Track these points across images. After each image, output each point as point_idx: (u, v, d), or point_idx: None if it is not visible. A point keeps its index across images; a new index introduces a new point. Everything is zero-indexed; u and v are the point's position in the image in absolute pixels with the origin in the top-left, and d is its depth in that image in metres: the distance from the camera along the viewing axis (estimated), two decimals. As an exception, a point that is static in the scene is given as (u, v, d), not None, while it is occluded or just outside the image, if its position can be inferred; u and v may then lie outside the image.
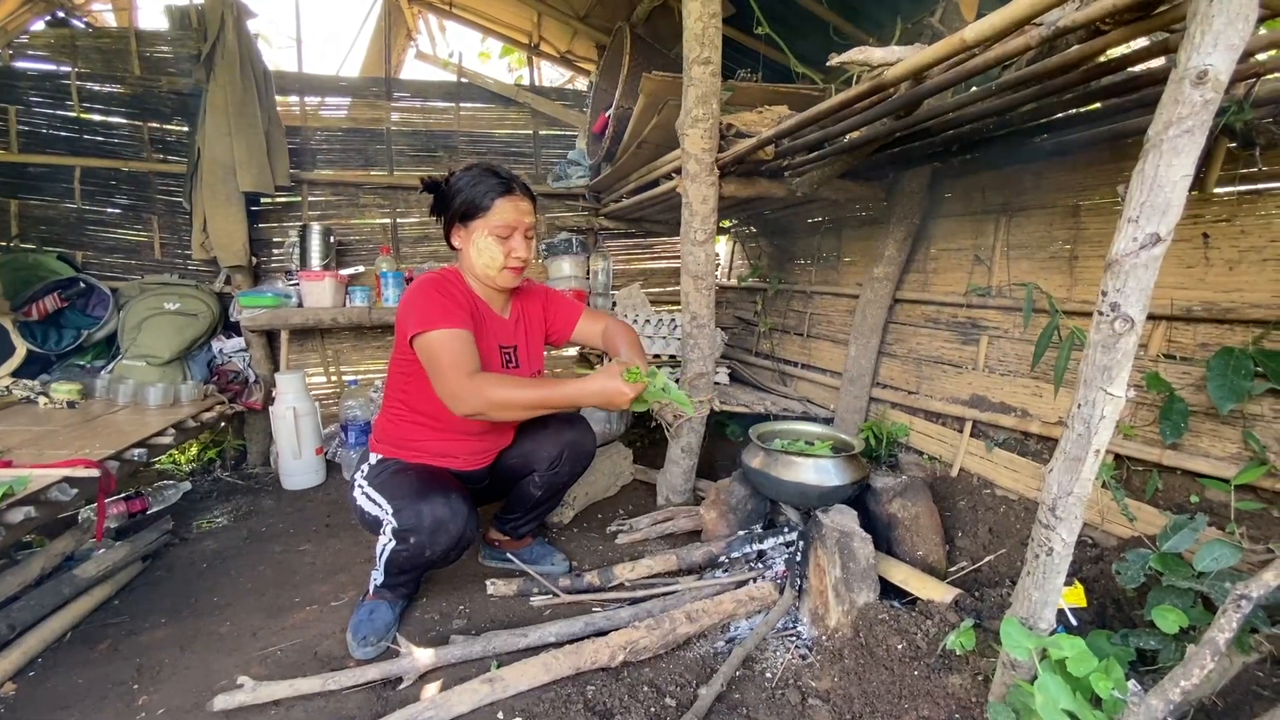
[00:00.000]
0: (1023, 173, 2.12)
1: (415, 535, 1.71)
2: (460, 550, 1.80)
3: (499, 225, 1.70)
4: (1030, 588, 1.09)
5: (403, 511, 1.73)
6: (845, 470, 1.94)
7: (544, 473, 2.09)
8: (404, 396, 1.89)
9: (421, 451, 1.92)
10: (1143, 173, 0.86)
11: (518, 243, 1.75)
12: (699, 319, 2.43)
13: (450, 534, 1.71)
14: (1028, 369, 2.16)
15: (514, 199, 1.72)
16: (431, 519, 1.69)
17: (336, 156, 3.70)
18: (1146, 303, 0.92)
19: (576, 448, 2.11)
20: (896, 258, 2.51)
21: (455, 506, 1.72)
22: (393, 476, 1.83)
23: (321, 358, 3.76)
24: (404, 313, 1.68)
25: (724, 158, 2.15)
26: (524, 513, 2.21)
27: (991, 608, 1.65)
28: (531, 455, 2.09)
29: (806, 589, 1.89)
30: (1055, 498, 1.01)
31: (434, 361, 1.59)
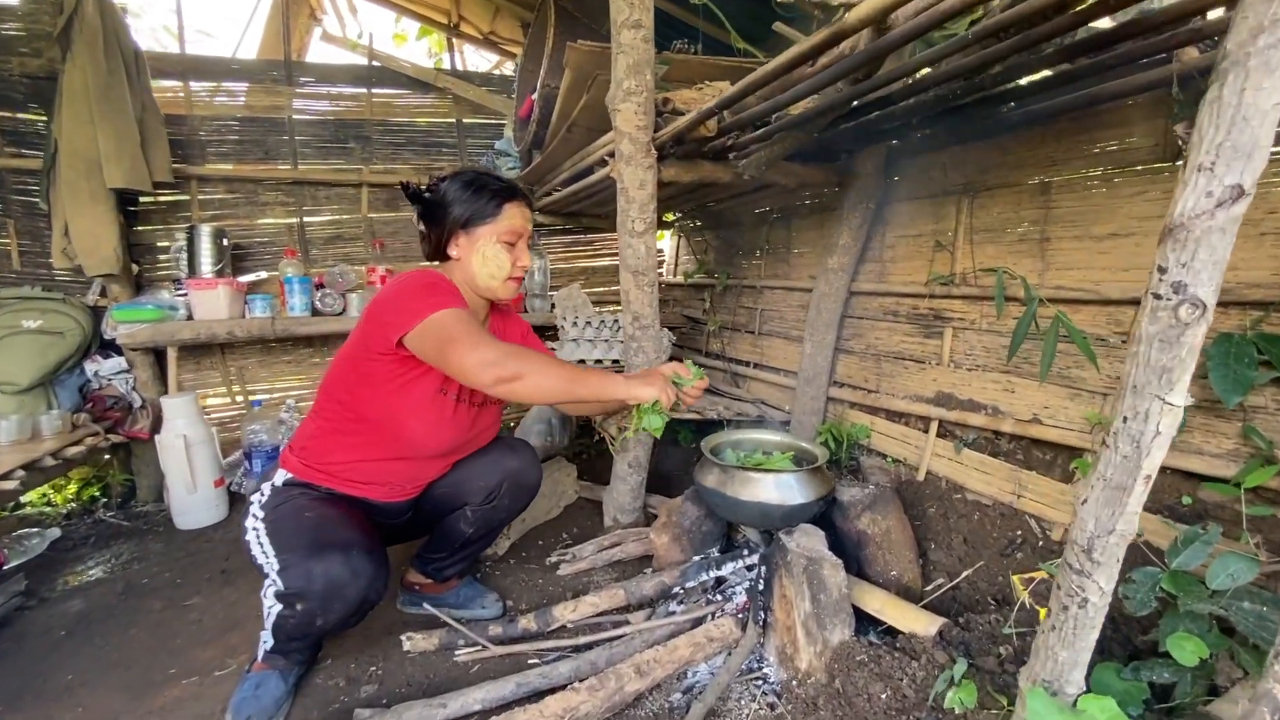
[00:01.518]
0: (987, 148, 1.95)
1: (303, 601, 1.41)
2: (361, 616, 1.50)
3: (507, 231, 1.58)
4: (1055, 645, 0.87)
5: (290, 570, 1.42)
6: (810, 485, 1.72)
7: (478, 506, 1.80)
8: (347, 401, 1.58)
9: (342, 477, 1.62)
10: (1219, 101, 0.64)
11: (522, 251, 1.64)
12: (642, 319, 2.17)
13: (347, 600, 1.41)
14: (998, 363, 1.99)
15: (520, 204, 1.62)
16: (325, 582, 1.38)
17: (231, 149, 3.27)
18: (1219, 281, 0.71)
19: (519, 480, 1.84)
20: (852, 246, 2.32)
21: (356, 565, 1.41)
22: (289, 518, 1.52)
23: (223, 376, 3.34)
24: (390, 306, 1.45)
25: (661, 136, 1.90)
26: (451, 553, 1.90)
27: (981, 639, 1.45)
28: (465, 485, 1.79)
29: (772, 623, 1.66)
30: (1092, 536, 0.80)
31: (447, 335, 1.37)
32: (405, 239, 3.57)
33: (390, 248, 3.53)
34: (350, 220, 3.46)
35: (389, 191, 3.52)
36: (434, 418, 1.59)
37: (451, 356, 1.36)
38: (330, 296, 3.11)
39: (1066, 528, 1.81)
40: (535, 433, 3.23)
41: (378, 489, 1.66)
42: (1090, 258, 1.72)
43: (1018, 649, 1.39)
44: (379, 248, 3.43)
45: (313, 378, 3.48)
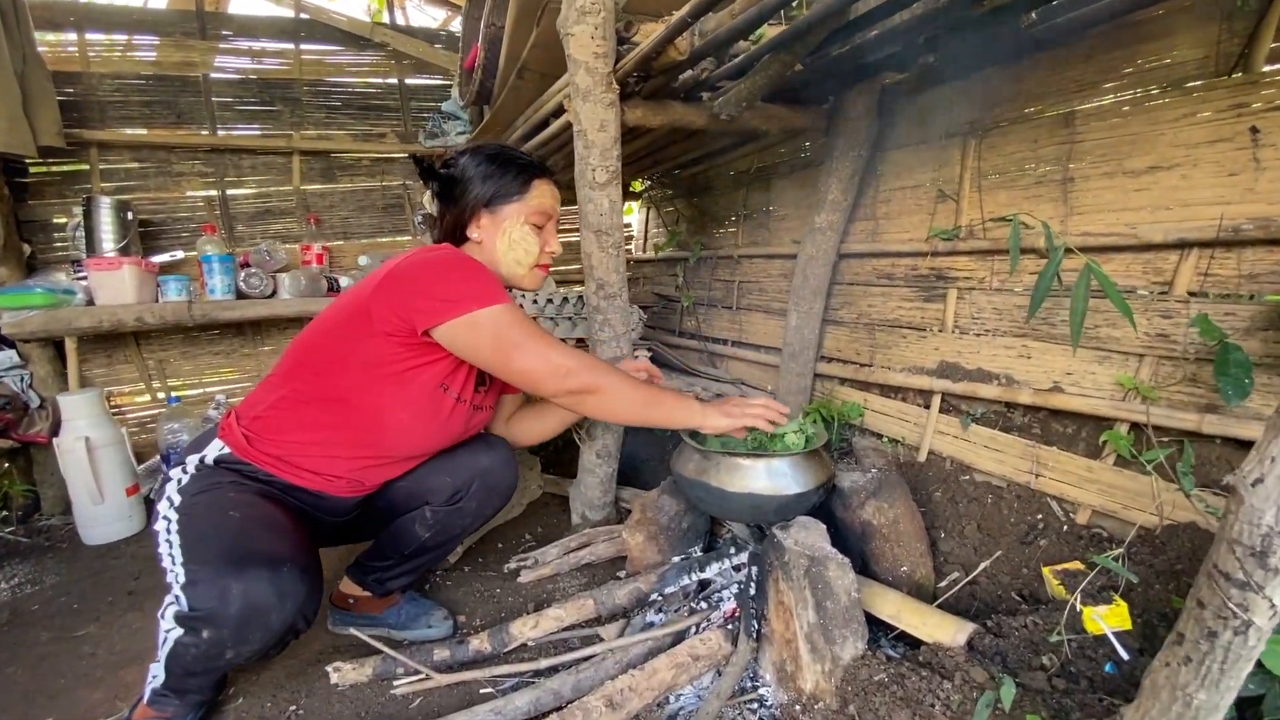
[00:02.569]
0: (999, 77, 1.70)
1: (212, 627, 1.10)
2: (284, 646, 1.22)
3: (536, 211, 1.45)
4: (1191, 684, 0.62)
5: (199, 586, 1.12)
6: (808, 471, 1.46)
7: (439, 507, 1.51)
8: (326, 375, 1.32)
9: (292, 461, 1.35)
10: None
11: (552, 235, 1.52)
12: (607, 288, 1.88)
13: (269, 629, 1.12)
14: (1011, 326, 1.76)
15: (549, 183, 1.50)
16: (242, 605, 1.08)
17: (137, 111, 2.88)
18: None
19: (491, 480, 1.57)
20: (842, 202, 2.06)
21: (286, 585, 1.12)
22: (207, 515, 1.23)
23: (140, 371, 2.96)
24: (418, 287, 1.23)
25: (624, 65, 1.61)
26: (398, 561, 1.60)
27: (1019, 648, 1.22)
28: (427, 483, 1.52)
29: (767, 634, 1.40)
30: (1271, 533, 0.54)
31: (509, 337, 1.25)
32: (343, 213, 3.22)
33: (327, 223, 3.18)
34: (280, 193, 3.09)
35: (324, 160, 3.15)
36: (428, 415, 1.38)
37: (516, 360, 1.26)
38: (256, 277, 2.76)
39: (1094, 509, 1.60)
40: (495, 423, 2.93)
41: (331, 482, 1.39)
42: (1124, 197, 1.49)
43: (1065, 660, 1.16)
44: (314, 223, 3.07)
45: (245, 370, 3.12)
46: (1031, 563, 1.57)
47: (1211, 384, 1.36)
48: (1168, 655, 0.67)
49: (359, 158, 3.21)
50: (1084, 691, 1.12)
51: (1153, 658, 1.22)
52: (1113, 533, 1.56)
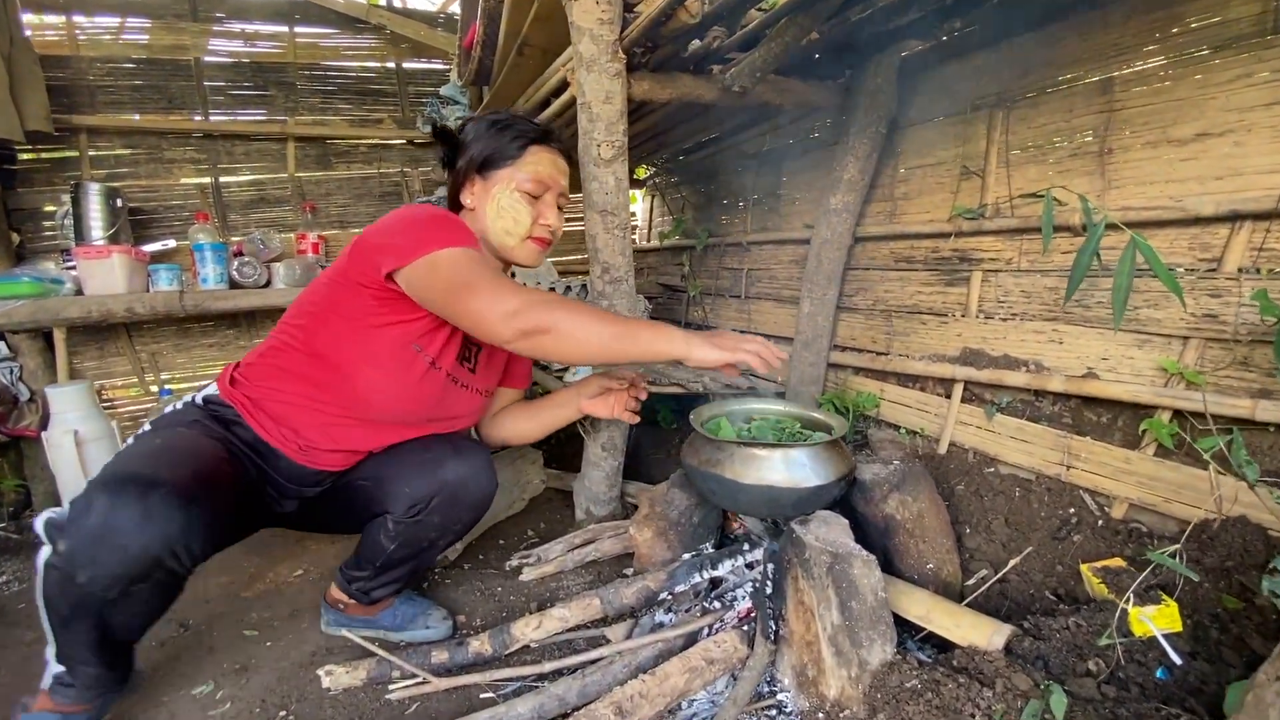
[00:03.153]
0: (1030, 43, 1.60)
1: (66, 538, 1.01)
2: (158, 588, 1.09)
3: (529, 179, 1.34)
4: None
5: (78, 498, 1.03)
6: (828, 463, 1.37)
7: (400, 519, 1.37)
8: (308, 327, 1.31)
9: (264, 408, 1.33)
10: None
11: (549, 207, 1.38)
12: (613, 271, 1.79)
13: (126, 551, 0.99)
14: (1041, 309, 1.66)
15: (551, 150, 1.40)
16: (100, 519, 0.98)
17: (128, 96, 2.79)
18: None
19: (456, 494, 1.39)
20: (859, 181, 1.96)
21: (155, 509, 1.00)
22: (141, 440, 1.21)
23: (132, 363, 2.88)
24: (384, 233, 1.22)
25: (631, 32, 1.51)
26: (375, 572, 1.49)
27: (1061, 651, 1.12)
28: (389, 487, 1.38)
29: (786, 636, 1.31)
30: None
31: (460, 277, 1.13)
32: (340, 201, 3.13)
33: (323, 211, 3.09)
34: (274, 180, 3.00)
35: (320, 147, 3.06)
36: (395, 375, 1.30)
37: (465, 302, 1.12)
38: (250, 266, 2.67)
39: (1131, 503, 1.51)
40: (496, 416, 2.84)
41: (293, 440, 1.33)
42: (1168, 167, 1.39)
43: (1114, 663, 1.07)
44: (309, 211, 2.98)
45: (240, 363, 3.04)
46: (1066, 559, 1.48)
47: (1266, 367, 1.26)
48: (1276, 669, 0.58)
49: (355, 144, 3.13)
50: (1136, 700, 1.03)
51: (1208, 662, 1.13)
52: (1152, 528, 1.46)
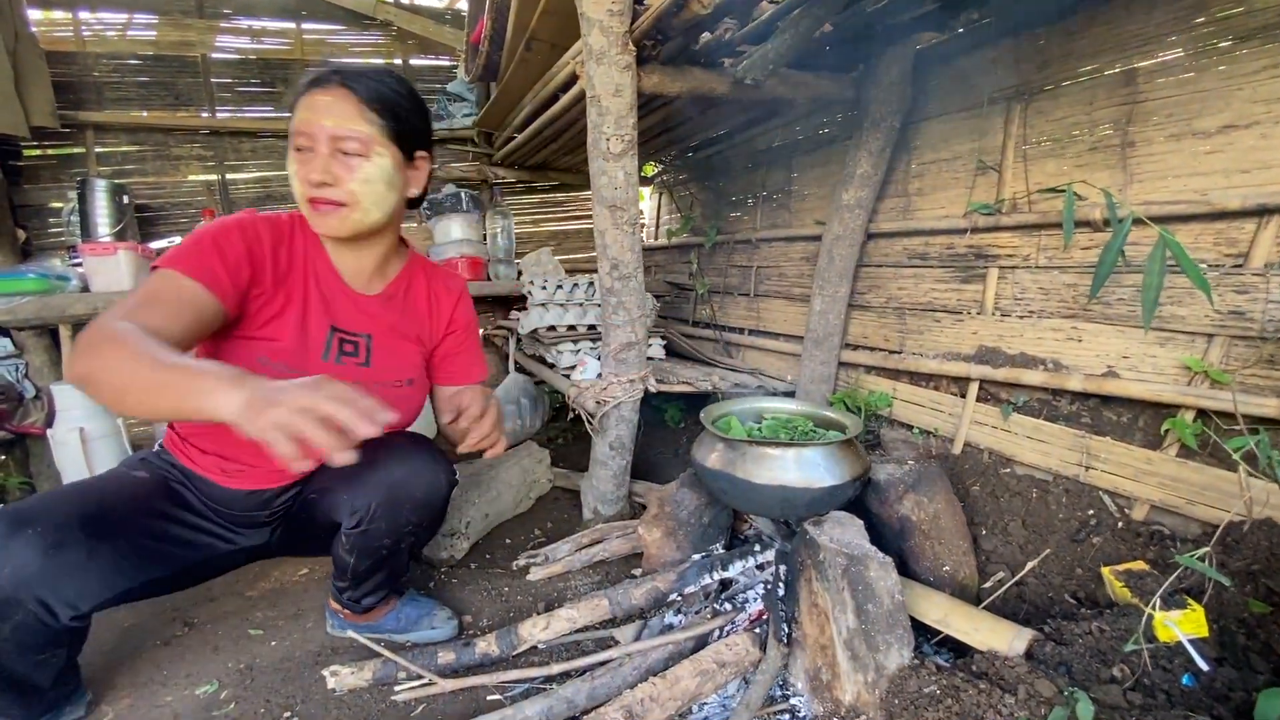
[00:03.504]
0: (1050, 35, 1.57)
1: None
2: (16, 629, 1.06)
3: (293, 134, 1.11)
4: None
5: None
6: (843, 463, 1.34)
7: (349, 531, 1.30)
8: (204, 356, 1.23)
9: (189, 442, 1.27)
10: None
11: (317, 158, 1.09)
12: (622, 267, 1.77)
13: None
14: (1060, 306, 1.62)
15: (319, 93, 1.10)
16: None
17: (134, 93, 2.79)
18: None
19: (399, 495, 1.28)
20: (871, 176, 1.93)
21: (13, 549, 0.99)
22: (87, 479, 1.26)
23: (138, 361, 2.86)
24: None
25: (642, 23, 1.49)
26: (352, 584, 1.44)
27: (1084, 656, 1.09)
28: (332, 499, 1.31)
29: (799, 639, 1.28)
30: None
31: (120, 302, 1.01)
32: (347, 198, 3.11)
33: (330, 208, 3.07)
34: (281, 177, 2.99)
35: (326, 144, 3.05)
36: None
37: None
38: (256, 262, 2.66)
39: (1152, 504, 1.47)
40: (505, 414, 2.82)
41: (217, 465, 1.26)
42: (1192, 160, 1.35)
43: (1141, 672, 1.03)
44: (316, 208, 2.97)
45: (246, 360, 3.03)
46: (1085, 562, 1.45)
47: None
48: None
49: (363, 141, 3.11)
50: (1162, 707, 1.00)
51: (1234, 669, 1.10)
52: (1174, 530, 1.43)
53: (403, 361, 1.34)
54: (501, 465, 2.21)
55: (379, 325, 1.30)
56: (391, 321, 1.32)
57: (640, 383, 1.93)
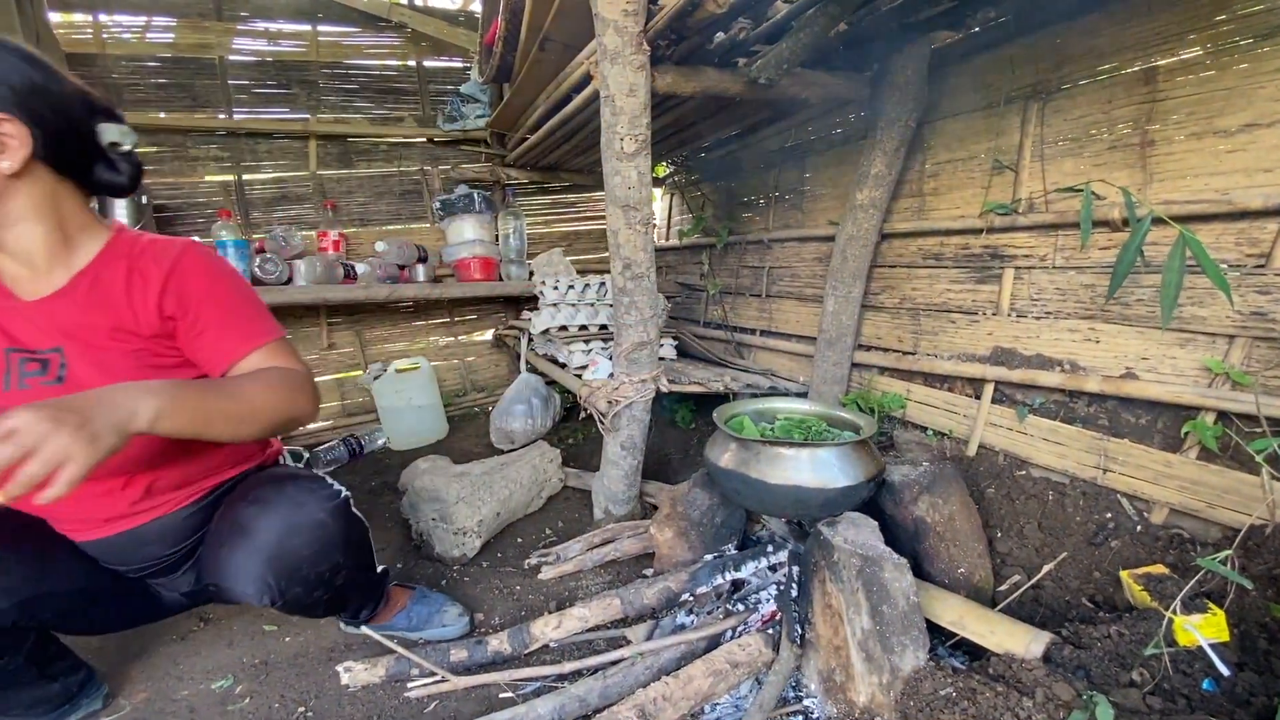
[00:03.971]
0: (1068, 33, 1.56)
1: None
2: None
3: None
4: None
5: None
6: (857, 463, 1.33)
7: (269, 607, 1.15)
8: None
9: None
10: None
11: None
12: (635, 267, 1.77)
13: None
14: (1077, 307, 1.61)
15: None
16: None
17: (153, 95, 2.82)
18: None
19: (289, 563, 1.12)
20: (886, 176, 1.92)
21: None
22: None
23: (155, 359, 2.89)
24: None
25: (656, 23, 1.49)
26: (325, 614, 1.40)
27: (1103, 660, 1.08)
28: (226, 572, 1.11)
29: (812, 640, 1.28)
30: None
31: None
32: (361, 199, 3.14)
33: (344, 208, 3.10)
34: (296, 178, 3.02)
35: (341, 145, 3.08)
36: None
37: None
38: (271, 263, 2.68)
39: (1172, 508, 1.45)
40: (515, 414, 2.83)
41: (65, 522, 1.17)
42: (1214, 159, 1.34)
43: (1162, 676, 1.02)
44: (331, 209, 2.99)
45: (260, 359, 3.05)
46: (1103, 565, 1.43)
47: (1319, 366, 1.21)
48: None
49: (376, 142, 3.13)
50: (1183, 712, 0.99)
51: (1256, 674, 1.08)
52: (1194, 534, 1.41)
53: (115, 365, 1.06)
54: (512, 464, 2.22)
55: (70, 330, 1.04)
56: (84, 321, 1.04)
57: (652, 383, 1.93)
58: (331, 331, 3.15)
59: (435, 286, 2.98)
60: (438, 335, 3.41)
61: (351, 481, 2.70)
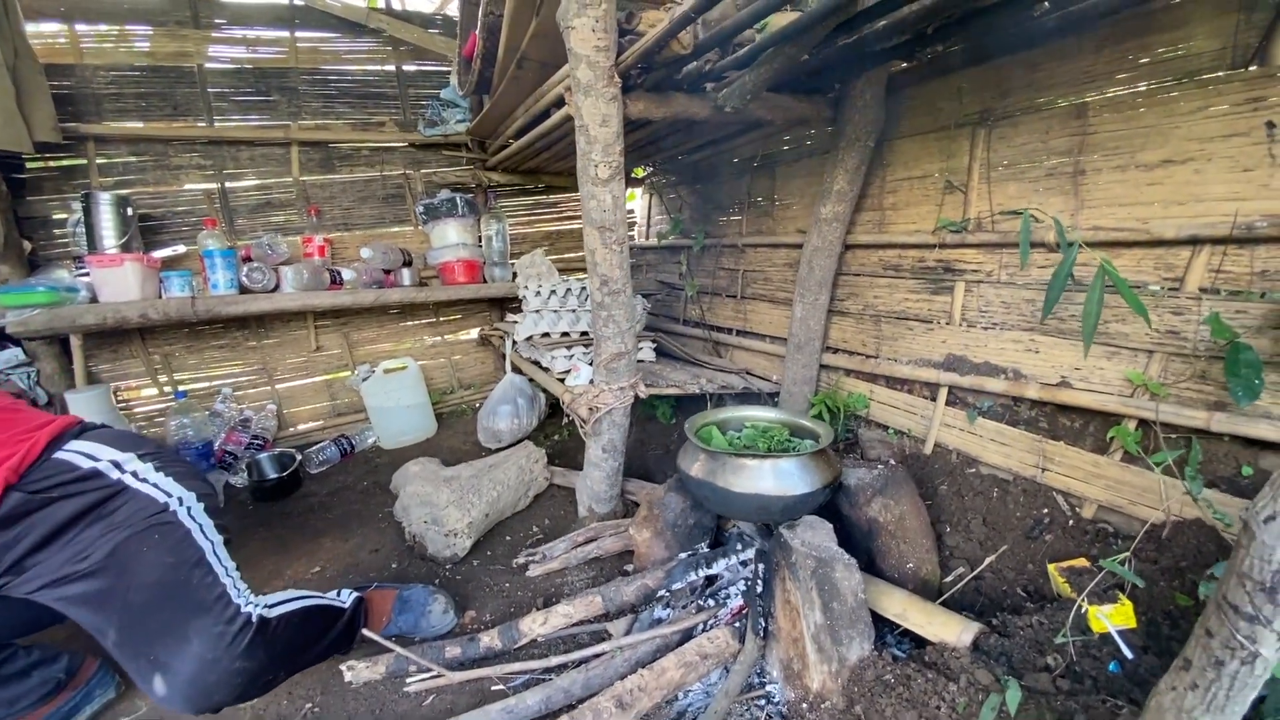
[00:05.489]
0: (1011, 66, 1.67)
1: None
2: None
3: None
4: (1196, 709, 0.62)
5: None
6: (814, 471, 1.46)
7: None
8: None
9: None
10: None
11: None
12: (611, 284, 1.87)
13: None
14: (1020, 320, 1.74)
15: None
16: None
17: (133, 104, 2.84)
18: None
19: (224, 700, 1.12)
20: (848, 192, 2.03)
21: None
22: None
23: (146, 365, 2.96)
24: None
25: (626, 59, 1.58)
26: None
27: (1024, 648, 1.23)
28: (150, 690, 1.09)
29: (774, 632, 1.42)
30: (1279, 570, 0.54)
31: None
32: (344, 204, 3.19)
33: (328, 214, 3.15)
34: (279, 184, 3.06)
35: (323, 151, 3.12)
36: None
37: None
38: (259, 271, 2.74)
39: (1100, 504, 1.60)
40: (501, 414, 2.94)
41: None
42: (1136, 191, 1.46)
43: (1071, 660, 1.17)
44: (315, 215, 3.04)
45: (249, 363, 3.13)
46: (1037, 558, 1.58)
47: (1222, 381, 1.35)
48: (1174, 679, 0.68)
49: (358, 147, 3.18)
50: (1088, 693, 1.14)
51: (1157, 656, 1.24)
52: (1118, 528, 1.56)
53: None
54: (499, 466, 2.33)
55: None
56: None
57: (630, 389, 2.04)
58: (319, 334, 3.22)
59: (420, 290, 3.06)
60: (424, 335, 3.49)
61: (345, 482, 2.83)
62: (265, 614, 1.23)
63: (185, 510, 1.21)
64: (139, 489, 1.17)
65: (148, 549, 1.12)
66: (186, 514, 1.21)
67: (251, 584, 1.99)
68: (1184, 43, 1.35)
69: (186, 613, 1.12)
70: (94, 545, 1.09)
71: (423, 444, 3.19)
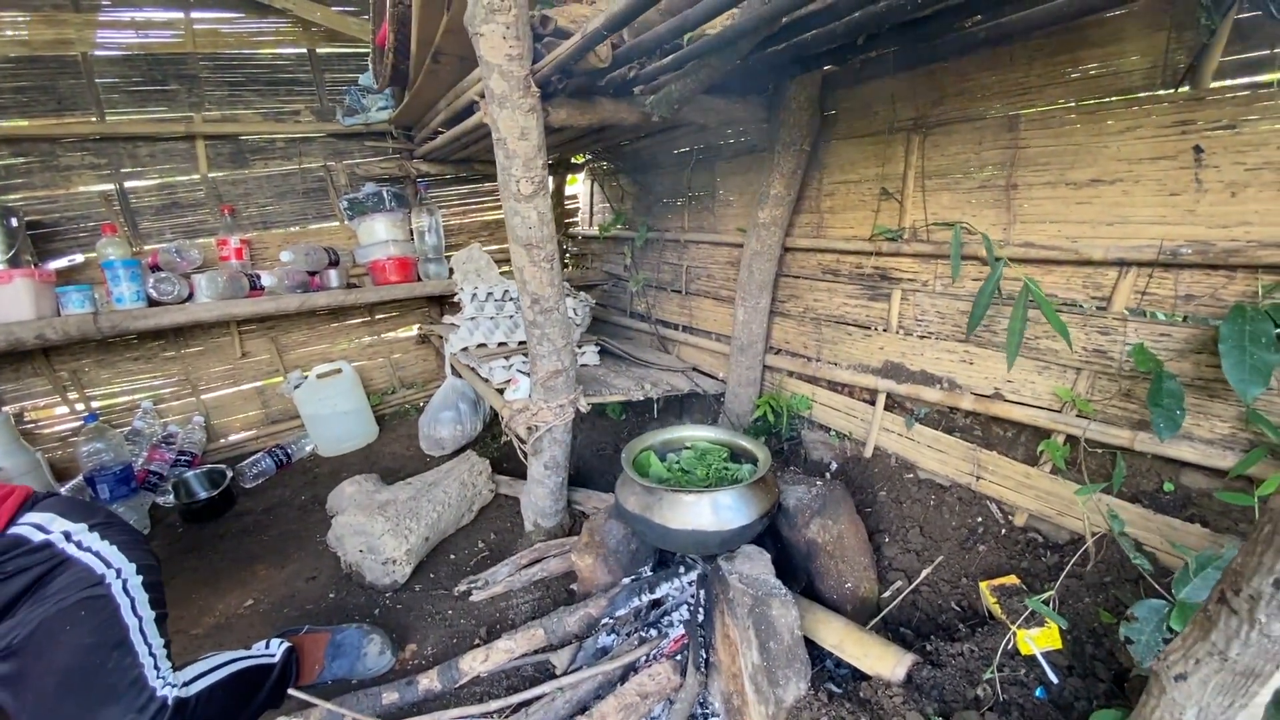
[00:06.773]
0: (943, 74, 1.61)
1: None
2: None
3: None
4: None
5: None
6: (753, 502, 1.44)
7: None
8: None
9: None
10: None
11: None
12: (543, 301, 1.78)
13: None
14: (954, 330, 1.73)
15: None
16: None
17: (11, 100, 2.55)
18: None
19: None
20: (785, 196, 1.97)
21: None
22: None
23: (53, 384, 2.74)
24: None
25: (541, 68, 1.46)
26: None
27: (955, 679, 1.24)
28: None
29: (715, 663, 1.41)
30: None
31: None
32: (261, 201, 2.97)
33: (243, 213, 2.93)
34: (186, 183, 2.82)
35: (232, 144, 2.88)
36: None
37: None
38: (167, 282, 2.55)
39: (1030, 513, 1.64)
40: (443, 420, 2.84)
41: None
42: (1066, 208, 1.44)
43: (998, 695, 1.19)
44: (228, 214, 2.83)
45: (170, 374, 2.94)
46: (971, 570, 1.61)
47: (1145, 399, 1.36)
48: None
49: (271, 138, 2.94)
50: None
51: (1081, 678, 1.27)
52: (1048, 536, 1.60)
53: None
54: (440, 483, 2.26)
55: None
56: None
57: (570, 406, 1.97)
58: (244, 340, 3.04)
59: (350, 293, 2.90)
60: (360, 334, 3.33)
61: (282, 496, 2.71)
62: (182, 695, 1.16)
63: (121, 584, 1.15)
64: (79, 557, 1.13)
65: (71, 627, 1.07)
66: (121, 588, 1.14)
67: (183, 624, 1.91)
68: (1116, 59, 1.31)
69: (95, 701, 1.06)
70: (22, 623, 1.04)
71: (363, 450, 3.08)
